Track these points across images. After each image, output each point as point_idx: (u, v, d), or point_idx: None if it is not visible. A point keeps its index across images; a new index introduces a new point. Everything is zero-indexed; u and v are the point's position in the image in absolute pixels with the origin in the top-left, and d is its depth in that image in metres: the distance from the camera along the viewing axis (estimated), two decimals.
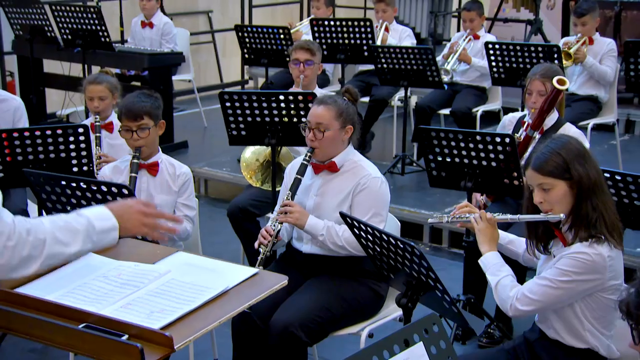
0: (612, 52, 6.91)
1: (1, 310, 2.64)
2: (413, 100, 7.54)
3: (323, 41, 7.15)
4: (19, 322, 2.60)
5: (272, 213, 4.47)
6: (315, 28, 7.23)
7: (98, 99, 5.20)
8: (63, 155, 4.63)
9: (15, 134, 4.58)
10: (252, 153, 5.41)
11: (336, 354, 4.53)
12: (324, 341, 3.98)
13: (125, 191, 3.63)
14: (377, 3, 7.72)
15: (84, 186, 3.72)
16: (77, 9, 7.40)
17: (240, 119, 4.96)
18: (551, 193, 3.30)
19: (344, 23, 7.18)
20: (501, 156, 4.51)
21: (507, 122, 5.35)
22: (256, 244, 4.11)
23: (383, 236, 3.25)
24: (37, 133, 4.59)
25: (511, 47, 6.48)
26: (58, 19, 7.43)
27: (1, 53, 8.79)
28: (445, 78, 6.85)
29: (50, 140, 4.58)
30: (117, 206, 2.87)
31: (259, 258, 4.00)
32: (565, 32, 9.56)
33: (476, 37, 7.30)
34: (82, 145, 4.64)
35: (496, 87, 7.31)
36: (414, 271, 3.23)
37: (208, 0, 11.38)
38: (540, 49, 6.40)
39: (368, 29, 7.07)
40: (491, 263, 3.47)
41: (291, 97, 4.89)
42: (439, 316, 3.21)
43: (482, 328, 4.36)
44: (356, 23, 7.16)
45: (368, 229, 3.34)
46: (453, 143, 4.61)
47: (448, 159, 4.67)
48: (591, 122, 6.54)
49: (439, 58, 7.17)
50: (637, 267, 4.08)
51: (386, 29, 7.51)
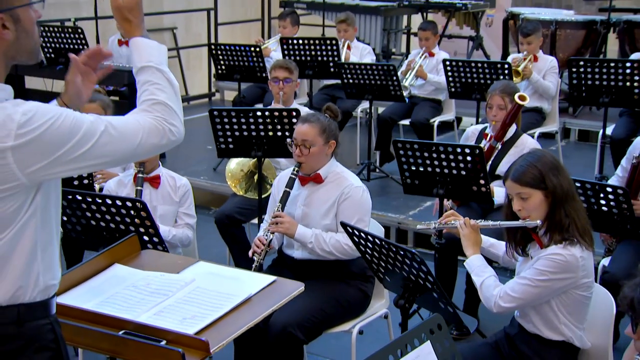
0: (554, 69, 7.00)
1: None
2: (375, 111, 7.58)
3: (292, 58, 7.13)
4: (67, 331, 2.58)
5: (262, 222, 4.49)
6: (284, 46, 7.23)
7: None
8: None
9: None
10: (237, 164, 5.42)
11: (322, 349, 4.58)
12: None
13: (139, 205, 3.64)
14: (339, 23, 7.75)
15: (99, 201, 3.72)
16: (61, 29, 7.30)
17: (228, 134, 4.97)
18: (529, 202, 3.38)
19: (312, 41, 7.19)
20: (470, 165, 4.55)
21: (470, 134, 5.40)
22: (250, 253, 4.11)
23: (383, 244, 3.28)
24: None
25: (467, 64, 6.55)
26: (41, 39, 7.31)
27: None
28: (404, 93, 6.93)
29: None
30: None
31: (254, 265, 4.00)
32: (505, 48, 9.74)
33: (431, 55, 7.37)
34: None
35: (450, 99, 7.36)
36: (412, 275, 3.27)
37: (172, 17, 11.28)
38: (492, 66, 6.47)
39: (334, 47, 7.10)
40: (475, 265, 3.54)
41: (276, 113, 4.92)
42: None
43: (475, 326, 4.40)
44: (323, 41, 7.17)
45: (369, 237, 3.37)
46: (426, 154, 4.62)
47: (421, 169, 4.68)
48: (537, 131, 6.66)
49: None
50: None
51: (348, 47, 7.54)
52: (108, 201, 3.68)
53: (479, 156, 4.52)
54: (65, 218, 3.81)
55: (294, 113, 4.90)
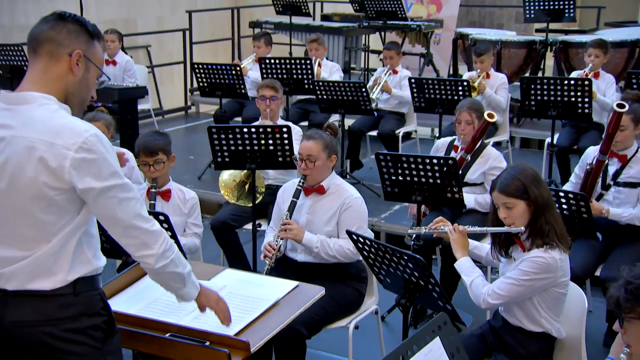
0: (504, 85, 7.10)
1: None
2: (346, 123, 7.61)
3: (270, 76, 7.14)
4: (120, 335, 2.63)
5: (258, 228, 4.52)
6: (262, 65, 7.21)
7: None
8: None
9: None
10: (229, 175, 5.40)
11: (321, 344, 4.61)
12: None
13: (162, 217, 3.65)
14: (311, 43, 7.77)
15: None
16: None
17: (225, 148, 4.95)
18: (513, 210, 3.44)
19: (287, 61, 7.18)
20: (445, 175, 4.58)
21: (440, 145, 5.44)
22: (262, 257, 4.14)
23: (388, 249, 3.31)
24: None
25: (430, 82, 6.58)
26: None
27: None
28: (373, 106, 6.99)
29: None
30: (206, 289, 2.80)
31: (266, 268, 4.03)
32: (454, 64, 9.88)
33: (395, 72, 7.41)
34: None
35: (412, 112, 7.41)
36: (414, 277, 3.30)
37: (146, 36, 11.24)
38: (452, 83, 6.52)
39: (308, 66, 7.12)
40: (465, 266, 3.60)
41: (268, 130, 4.96)
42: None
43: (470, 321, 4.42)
44: (298, 61, 7.19)
45: (373, 244, 3.40)
46: (406, 165, 4.65)
47: (401, 178, 4.71)
48: (491, 141, 6.80)
49: None
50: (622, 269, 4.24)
51: (319, 65, 7.56)
52: None
53: (454, 167, 4.59)
54: None
55: (285, 129, 4.94)
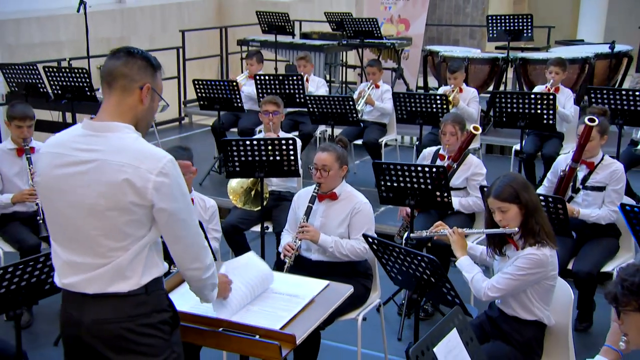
0: (475, 98, 7.20)
1: None
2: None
3: (265, 91, 7.22)
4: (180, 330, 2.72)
5: (284, 232, 4.54)
6: (257, 81, 7.28)
7: None
8: None
9: None
10: (237, 183, 5.46)
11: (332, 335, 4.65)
12: None
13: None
14: (300, 60, 7.83)
15: None
16: (68, 70, 7.16)
17: (236, 159, 5.00)
18: (507, 214, 3.51)
19: (281, 78, 7.26)
20: (435, 181, 4.66)
21: (427, 154, 5.50)
22: (282, 256, 4.20)
23: (402, 251, 3.39)
24: None
25: (411, 96, 6.69)
26: (50, 78, 7.12)
27: None
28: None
29: None
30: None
31: (286, 267, 4.09)
32: (425, 78, 10.02)
33: (377, 86, 7.50)
34: None
35: (392, 122, 7.52)
36: (425, 274, 3.37)
37: None
38: (431, 97, 6.62)
39: (299, 82, 7.21)
40: (465, 264, 3.67)
41: (276, 142, 5.02)
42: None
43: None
44: (290, 77, 7.26)
45: (388, 246, 3.46)
46: (400, 172, 4.73)
47: (395, 184, 4.77)
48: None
49: None
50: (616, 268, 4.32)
51: (307, 80, 7.63)
52: None
53: (443, 174, 4.68)
54: None
55: (290, 142, 5.02)
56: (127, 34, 11.49)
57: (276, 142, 5.00)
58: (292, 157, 5.04)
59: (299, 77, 7.20)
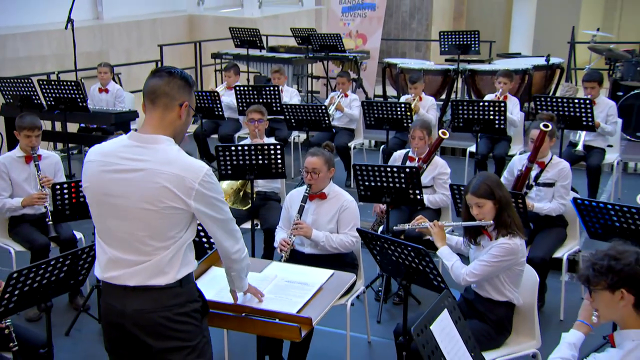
0: (434, 106, 7.38)
1: None
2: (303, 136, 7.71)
3: (245, 101, 7.27)
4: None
5: (278, 228, 4.60)
6: (238, 92, 7.31)
7: None
8: None
9: (73, 184, 4.57)
10: (227, 184, 5.53)
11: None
12: None
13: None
14: (274, 73, 7.88)
15: None
16: (62, 83, 7.09)
17: (228, 163, 5.06)
18: (483, 208, 3.63)
19: (259, 88, 7.33)
20: (408, 180, 4.79)
21: (397, 157, 5.60)
22: (278, 250, 4.26)
23: (395, 242, 3.45)
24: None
25: (378, 104, 6.80)
26: (44, 90, 7.05)
27: None
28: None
29: None
30: None
31: (282, 261, 4.11)
32: (384, 88, 10.18)
33: (346, 95, 7.59)
34: None
35: (360, 128, 7.61)
36: (414, 263, 3.44)
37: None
38: (396, 105, 6.74)
39: (276, 92, 7.29)
40: (445, 253, 3.76)
41: (265, 147, 5.09)
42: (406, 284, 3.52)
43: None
44: (267, 89, 7.34)
45: (380, 238, 3.53)
46: (377, 173, 4.85)
47: (373, 184, 4.88)
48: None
49: None
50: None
51: (281, 91, 7.74)
52: None
53: (415, 174, 4.83)
54: None
55: (278, 147, 5.10)
56: (106, 48, 11.37)
57: (265, 147, 5.07)
58: (280, 161, 5.12)
59: (276, 88, 7.28)
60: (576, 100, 6.33)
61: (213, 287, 3.07)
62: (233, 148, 5.05)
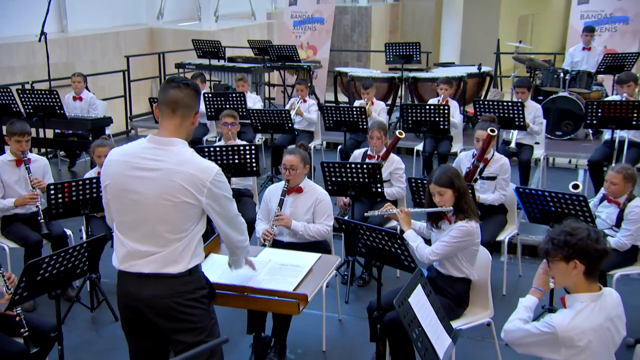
0: (384, 109, 7.55)
1: None
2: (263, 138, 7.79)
3: (213, 107, 7.30)
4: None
5: (258, 220, 4.65)
6: (206, 99, 7.34)
7: (104, 157, 5.12)
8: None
9: (66, 184, 4.56)
10: None
11: None
12: None
13: None
14: (238, 81, 7.90)
15: None
16: (40, 92, 6.98)
17: None
18: (444, 196, 3.79)
19: (226, 95, 7.34)
20: (371, 175, 4.96)
21: (357, 155, 5.74)
22: (262, 240, 4.32)
23: (370, 228, 3.55)
24: (80, 183, 4.60)
25: (336, 108, 6.90)
26: (23, 99, 6.94)
27: None
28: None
29: (95, 186, 4.60)
30: None
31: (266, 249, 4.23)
32: (335, 94, 10.33)
33: (304, 101, 7.69)
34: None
35: (318, 130, 7.72)
36: (387, 246, 3.55)
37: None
38: (352, 108, 6.87)
39: (241, 99, 7.35)
40: (411, 236, 3.91)
41: (241, 148, 5.17)
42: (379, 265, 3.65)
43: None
44: (233, 95, 7.40)
45: (357, 225, 3.61)
46: (342, 170, 5.00)
47: (339, 179, 5.05)
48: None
49: None
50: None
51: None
52: None
53: (377, 169, 5.00)
54: None
55: (253, 147, 5.19)
56: (72, 60, 11.15)
57: (241, 148, 5.16)
58: (254, 160, 5.22)
59: (241, 95, 7.34)
60: (510, 103, 6.65)
61: (215, 272, 3.15)
62: (211, 149, 5.12)
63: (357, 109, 6.85)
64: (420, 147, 7.29)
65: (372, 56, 16.43)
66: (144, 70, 11.72)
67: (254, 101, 7.97)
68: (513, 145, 6.84)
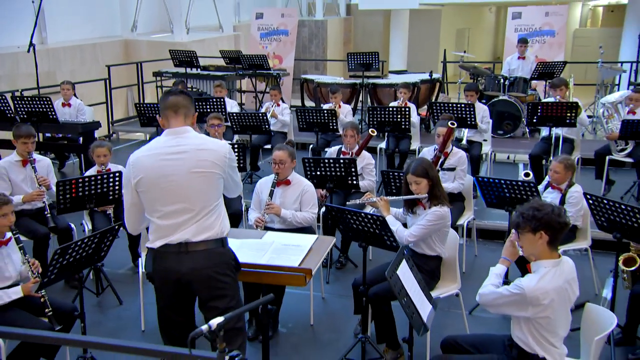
0: (350, 112, 7.74)
1: None
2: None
3: (196, 111, 7.33)
4: None
5: (250, 209, 4.72)
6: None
7: (103, 156, 5.19)
8: (106, 190, 4.70)
9: (73, 181, 4.58)
10: None
11: None
12: None
13: None
14: (216, 87, 7.96)
15: None
16: (34, 99, 6.90)
17: None
18: (420, 185, 3.96)
19: (206, 100, 7.39)
20: (347, 169, 5.12)
21: (332, 152, 5.88)
22: (254, 226, 4.40)
23: (357, 213, 3.67)
24: (86, 180, 4.63)
25: (310, 111, 7.02)
26: (17, 105, 6.85)
27: None
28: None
29: (99, 182, 4.64)
30: None
31: None
32: (302, 99, 10.43)
33: (278, 105, 7.79)
34: (117, 183, 4.73)
35: (291, 131, 7.82)
36: (372, 229, 3.69)
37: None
38: (324, 111, 7.00)
39: (220, 103, 7.41)
40: (391, 220, 4.04)
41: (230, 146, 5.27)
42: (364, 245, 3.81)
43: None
44: (212, 100, 7.45)
45: (345, 211, 3.74)
46: (321, 165, 5.14)
47: (319, 173, 5.17)
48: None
49: None
50: (465, 222, 4.86)
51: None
52: None
53: (353, 164, 5.18)
54: None
55: (241, 146, 5.29)
56: (53, 69, 10.94)
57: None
58: (241, 158, 5.33)
59: (221, 99, 7.42)
60: (462, 105, 6.95)
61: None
62: None
63: (328, 112, 7.01)
64: (383, 145, 7.51)
65: (329, 65, 16.66)
66: (120, 79, 11.59)
67: (231, 105, 8.06)
68: (464, 142, 7.14)
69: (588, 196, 4.28)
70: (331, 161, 5.17)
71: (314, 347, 4.25)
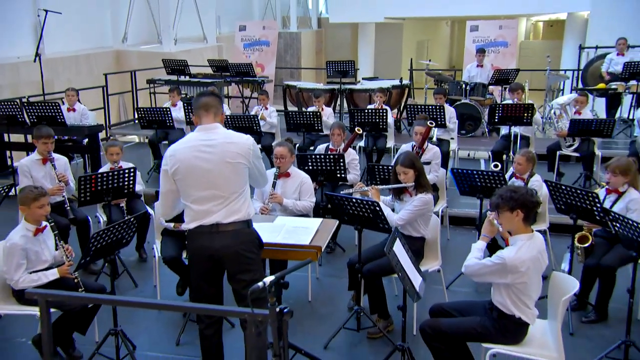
0: (332, 114, 7.91)
1: None
2: None
3: (191, 114, 7.39)
4: None
5: (254, 199, 4.78)
6: (185, 107, 7.44)
7: (116, 154, 5.27)
8: (121, 184, 4.78)
9: (93, 177, 4.66)
10: None
11: None
12: None
13: None
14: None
15: None
16: (44, 104, 6.90)
17: None
18: (408, 175, 4.13)
19: None
20: (335, 164, 5.29)
21: (321, 149, 5.99)
22: (260, 213, 4.49)
23: (354, 199, 3.82)
24: (105, 175, 4.70)
25: (295, 113, 7.19)
26: (28, 110, 6.85)
27: None
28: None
29: (116, 177, 4.72)
30: None
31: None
32: (285, 104, 10.50)
33: (266, 108, 7.92)
34: (131, 178, 4.82)
35: (278, 132, 7.94)
36: (366, 213, 3.85)
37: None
38: (308, 113, 7.17)
39: None
40: (382, 206, 4.15)
41: None
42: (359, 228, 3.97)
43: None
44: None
45: (343, 198, 3.86)
46: (314, 160, 5.29)
47: (311, 168, 5.32)
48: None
49: None
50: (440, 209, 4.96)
51: None
52: None
53: (342, 159, 5.36)
54: None
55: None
56: (51, 78, 10.85)
57: None
58: None
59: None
60: (433, 106, 7.21)
61: None
62: None
63: (312, 114, 7.19)
64: (362, 144, 7.71)
65: (303, 72, 16.84)
66: (112, 86, 11.56)
67: (224, 109, 8.13)
68: (435, 140, 7.40)
69: (548, 183, 4.55)
70: (321, 156, 5.34)
71: (313, 320, 4.42)
